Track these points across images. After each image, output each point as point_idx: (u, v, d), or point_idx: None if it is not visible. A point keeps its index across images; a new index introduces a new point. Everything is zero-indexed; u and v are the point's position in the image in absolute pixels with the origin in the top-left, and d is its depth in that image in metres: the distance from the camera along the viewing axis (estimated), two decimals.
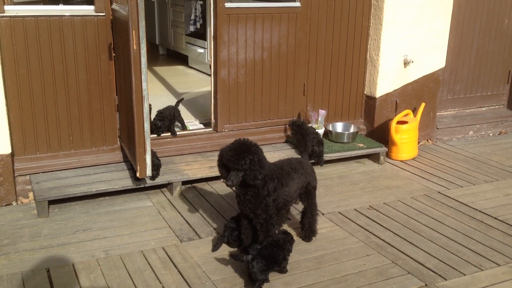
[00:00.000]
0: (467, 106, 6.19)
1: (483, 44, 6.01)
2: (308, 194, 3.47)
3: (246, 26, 4.69)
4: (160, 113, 4.77)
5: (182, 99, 5.25)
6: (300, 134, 3.47)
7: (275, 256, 3.03)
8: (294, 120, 3.47)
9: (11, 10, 3.90)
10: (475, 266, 3.33)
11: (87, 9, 4.16)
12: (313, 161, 4.67)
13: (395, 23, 5.12)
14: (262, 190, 3.12)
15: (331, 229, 3.78)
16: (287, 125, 3.52)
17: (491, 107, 6.34)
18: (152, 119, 4.66)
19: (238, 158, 2.98)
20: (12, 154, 4.06)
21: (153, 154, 4.12)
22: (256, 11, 4.72)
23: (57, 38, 4.05)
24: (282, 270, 3.16)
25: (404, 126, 5.10)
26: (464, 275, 3.23)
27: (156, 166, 4.15)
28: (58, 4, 4.24)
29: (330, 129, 5.16)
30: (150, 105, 4.96)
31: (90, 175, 4.21)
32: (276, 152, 4.74)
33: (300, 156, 3.91)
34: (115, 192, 4.15)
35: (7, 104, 3.96)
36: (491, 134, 6.09)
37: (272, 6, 4.86)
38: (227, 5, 4.58)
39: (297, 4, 4.88)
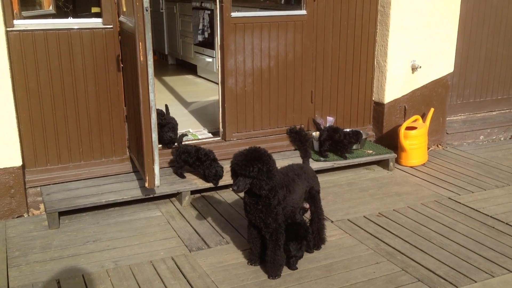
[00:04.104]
0: (477, 111, 6.15)
1: (491, 47, 5.98)
2: (312, 198, 3.47)
3: (252, 35, 4.71)
4: (167, 123, 4.76)
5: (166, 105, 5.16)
6: (299, 141, 3.49)
7: (298, 232, 3.32)
8: (292, 128, 3.50)
9: (20, 24, 3.97)
10: (486, 273, 3.29)
11: (95, 22, 4.22)
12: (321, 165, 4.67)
13: (402, 28, 5.11)
14: (273, 199, 3.12)
15: (340, 236, 3.76)
16: (286, 133, 3.56)
17: (502, 111, 6.28)
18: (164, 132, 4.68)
19: (246, 164, 2.98)
20: (23, 166, 4.11)
21: (218, 165, 4.31)
22: (262, 20, 4.74)
23: (66, 51, 4.10)
24: (309, 246, 3.47)
25: (413, 132, 5.07)
26: (475, 282, 3.20)
27: (217, 176, 4.28)
28: (67, 18, 4.30)
29: None
30: (164, 109, 4.97)
31: (99, 185, 4.24)
32: (285, 160, 4.74)
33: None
34: (125, 203, 4.18)
35: (17, 117, 4.01)
36: (502, 139, 6.04)
37: (278, 15, 4.88)
38: (234, 14, 4.61)
39: (303, 12, 4.90)
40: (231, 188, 3.05)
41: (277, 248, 3.17)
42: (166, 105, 5.09)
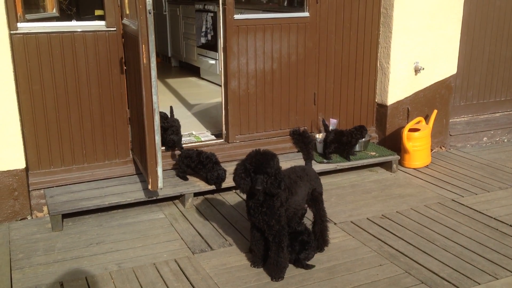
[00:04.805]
0: (481, 112, 6.14)
1: (495, 49, 5.97)
2: (315, 200, 3.47)
3: (255, 37, 4.72)
4: (171, 126, 4.77)
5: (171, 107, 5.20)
6: (302, 143, 3.50)
7: (303, 240, 3.36)
8: (295, 129, 3.50)
9: (24, 27, 3.98)
10: (489, 275, 3.28)
11: (99, 25, 4.23)
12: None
13: (405, 30, 5.11)
14: (276, 201, 3.12)
15: (343, 238, 3.76)
16: (289, 135, 3.57)
17: (505, 113, 6.26)
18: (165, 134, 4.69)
19: (268, 161, 3.02)
20: (27, 169, 4.12)
21: (220, 168, 4.33)
22: (265, 22, 4.75)
23: (69, 54, 4.12)
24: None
25: (416, 134, 5.07)
26: (479, 284, 3.19)
27: (219, 179, 4.28)
28: (71, 20, 4.31)
29: None
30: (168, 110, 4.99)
31: (103, 188, 4.25)
32: (288, 162, 4.72)
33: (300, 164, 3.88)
34: (128, 205, 4.18)
35: (21, 120, 4.02)
36: (505, 140, 6.02)
37: (280, 17, 4.89)
38: (236, 16, 4.62)
39: (306, 14, 4.90)
40: (255, 187, 3.01)
41: (280, 250, 3.17)
42: (171, 107, 5.11)
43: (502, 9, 5.86)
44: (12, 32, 3.89)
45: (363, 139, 4.97)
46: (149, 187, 3.85)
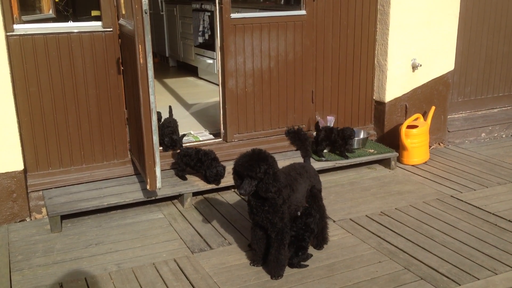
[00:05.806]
0: (479, 108, 6.14)
1: (492, 45, 5.96)
2: (314, 197, 3.47)
3: (252, 36, 4.72)
4: (168, 127, 4.77)
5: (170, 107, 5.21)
6: (298, 140, 3.50)
7: (300, 246, 3.36)
8: (289, 129, 3.51)
9: (20, 28, 3.98)
10: (489, 270, 3.28)
11: (95, 25, 4.23)
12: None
13: (402, 27, 5.11)
14: (278, 199, 3.12)
15: (342, 236, 3.76)
16: (284, 135, 3.56)
17: (503, 108, 6.26)
18: (165, 134, 4.69)
19: (252, 164, 2.98)
20: (25, 171, 4.12)
21: (219, 164, 4.33)
22: (261, 21, 4.74)
23: (66, 55, 4.11)
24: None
25: (414, 130, 5.07)
26: (478, 279, 3.19)
27: (218, 176, 4.27)
28: (67, 21, 4.31)
29: None
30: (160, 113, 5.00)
31: (101, 189, 4.25)
32: (286, 161, 4.74)
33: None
34: (127, 205, 4.18)
35: (18, 121, 4.02)
36: (504, 136, 6.03)
37: (277, 15, 4.88)
38: (233, 15, 4.62)
39: (303, 12, 4.90)
40: (238, 192, 3.03)
41: (282, 247, 3.18)
42: (169, 107, 5.11)
43: (499, 4, 5.86)
44: (8, 33, 3.89)
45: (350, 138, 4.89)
46: (148, 187, 3.85)
